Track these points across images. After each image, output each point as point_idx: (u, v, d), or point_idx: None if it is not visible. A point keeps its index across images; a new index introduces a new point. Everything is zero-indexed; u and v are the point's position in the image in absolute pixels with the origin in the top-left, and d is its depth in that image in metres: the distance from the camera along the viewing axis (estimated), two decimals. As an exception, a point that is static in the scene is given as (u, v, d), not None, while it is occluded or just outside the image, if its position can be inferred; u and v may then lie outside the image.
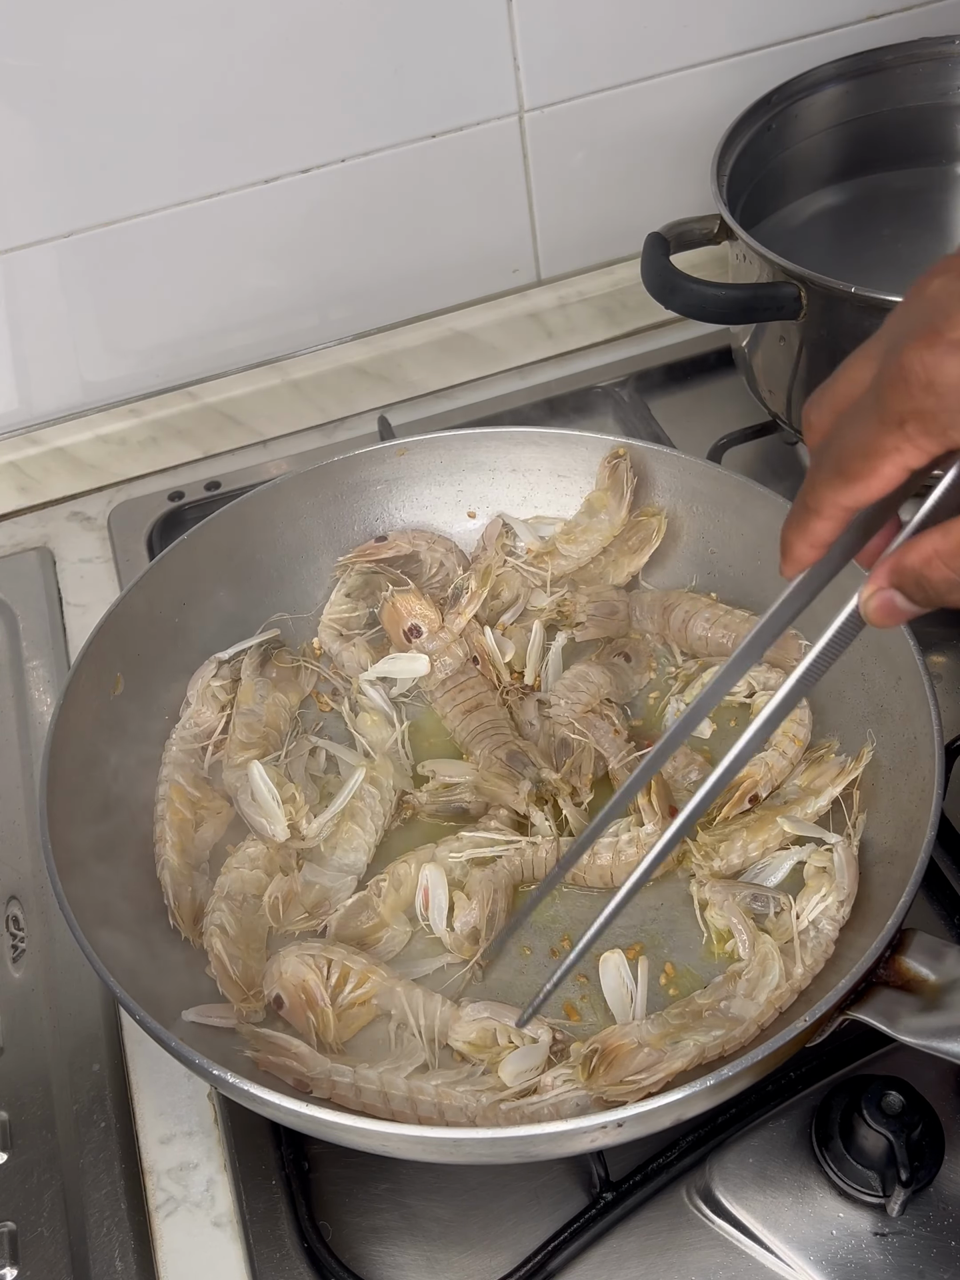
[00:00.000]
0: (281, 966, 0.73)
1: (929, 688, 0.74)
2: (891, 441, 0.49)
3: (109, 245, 1.09)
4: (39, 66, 1.00)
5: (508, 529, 0.96)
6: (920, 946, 0.65)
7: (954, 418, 0.47)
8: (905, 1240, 0.66)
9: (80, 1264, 0.71)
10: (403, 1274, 0.69)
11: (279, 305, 1.18)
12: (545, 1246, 0.68)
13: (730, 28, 1.16)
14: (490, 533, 0.96)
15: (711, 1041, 0.67)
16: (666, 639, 0.91)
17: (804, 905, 0.73)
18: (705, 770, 0.82)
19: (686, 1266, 0.67)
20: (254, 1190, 0.72)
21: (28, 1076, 0.78)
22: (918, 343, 0.47)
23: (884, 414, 0.49)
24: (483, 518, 0.97)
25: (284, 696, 0.90)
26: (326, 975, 0.73)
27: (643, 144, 1.20)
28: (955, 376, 0.46)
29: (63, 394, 1.16)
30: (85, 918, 0.70)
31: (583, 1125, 0.60)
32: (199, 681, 0.89)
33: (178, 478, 1.15)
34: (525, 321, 1.23)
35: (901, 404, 0.48)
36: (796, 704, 0.61)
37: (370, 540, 0.95)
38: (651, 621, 0.92)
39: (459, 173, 1.16)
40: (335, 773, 0.87)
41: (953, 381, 0.46)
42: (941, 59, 1.10)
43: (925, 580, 0.51)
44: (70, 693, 0.79)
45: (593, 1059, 0.68)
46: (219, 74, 1.04)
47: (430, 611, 0.92)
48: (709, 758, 0.84)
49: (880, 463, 0.50)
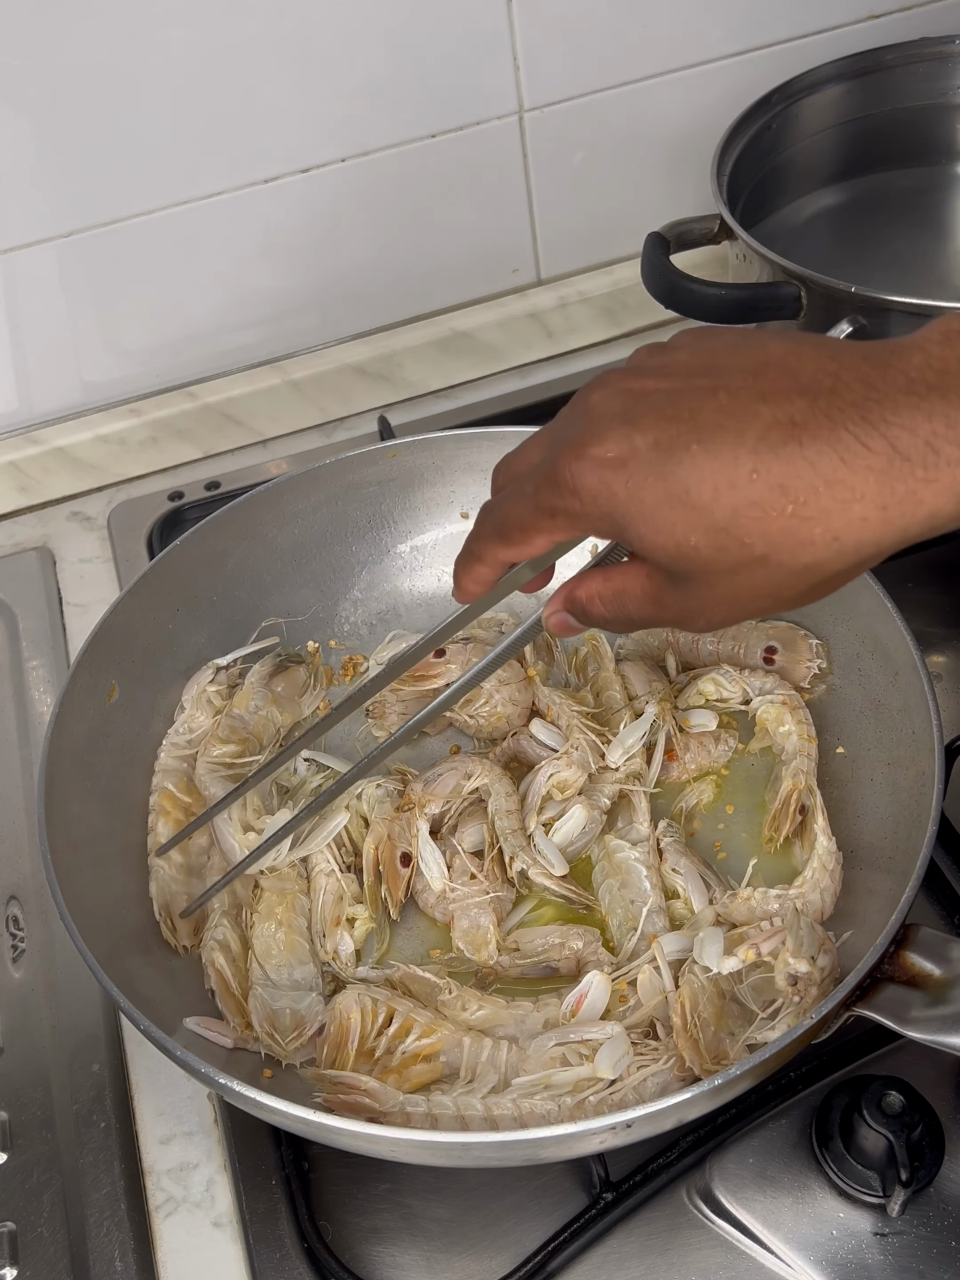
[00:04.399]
0: (337, 1000, 0.72)
1: (927, 683, 0.74)
2: (543, 524, 0.59)
3: (109, 245, 1.09)
4: (39, 66, 1.00)
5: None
6: (925, 941, 0.65)
7: (590, 519, 0.56)
8: (905, 1240, 0.66)
9: (80, 1264, 0.70)
10: (403, 1274, 0.69)
11: (279, 305, 1.18)
12: (545, 1247, 0.68)
13: (730, 28, 1.16)
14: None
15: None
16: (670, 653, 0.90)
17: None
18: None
19: (686, 1266, 0.67)
20: (254, 1190, 0.71)
21: (28, 1076, 0.78)
22: (568, 452, 0.56)
23: (539, 503, 0.58)
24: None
25: (278, 714, 0.88)
26: (380, 1023, 0.71)
27: (643, 144, 1.20)
28: (592, 489, 0.55)
29: (63, 394, 1.16)
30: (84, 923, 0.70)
31: (592, 1127, 0.60)
32: (194, 687, 0.88)
33: (178, 478, 1.15)
34: (525, 321, 1.23)
35: (552, 500, 0.57)
36: (484, 678, 0.78)
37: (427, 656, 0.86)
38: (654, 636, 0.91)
39: (459, 172, 1.16)
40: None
41: (590, 493, 0.55)
42: (941, 59, 1.10)
43: (587, 612, 0.63)
44: (68, 695, 0.79)
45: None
46: (219, 74, 1.04)
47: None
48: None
49: (534, 535, 0.60)
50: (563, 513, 0.57)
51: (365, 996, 0.71)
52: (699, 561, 0.54)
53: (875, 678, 0.81)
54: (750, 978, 0.70)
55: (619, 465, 0.54)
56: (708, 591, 0.56)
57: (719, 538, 0.53)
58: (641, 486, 0.53)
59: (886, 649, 0.79)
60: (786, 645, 0.86)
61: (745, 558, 0.53)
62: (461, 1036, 0.71)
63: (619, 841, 0.79)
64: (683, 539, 0.53)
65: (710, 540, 0.53)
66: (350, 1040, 0.70)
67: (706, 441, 0.52)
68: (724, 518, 0.52)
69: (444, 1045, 0.70)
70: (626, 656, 0.90)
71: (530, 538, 0.60)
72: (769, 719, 0.84)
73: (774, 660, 0.86)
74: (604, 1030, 0.69)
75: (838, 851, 0.76)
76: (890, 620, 0.78)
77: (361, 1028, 0.70)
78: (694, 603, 0.57)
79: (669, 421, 0.53)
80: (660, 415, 0.54)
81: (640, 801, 0.81)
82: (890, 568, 0.90)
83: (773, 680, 0.85)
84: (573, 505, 0.56)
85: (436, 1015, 0.72)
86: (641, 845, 0.79)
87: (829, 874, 0.75)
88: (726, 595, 0.56)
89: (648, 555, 0.56)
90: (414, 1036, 0.71)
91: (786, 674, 0.86)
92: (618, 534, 0.56)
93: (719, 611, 0.57)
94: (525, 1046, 0.70)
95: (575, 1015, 0.71)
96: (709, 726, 0.85)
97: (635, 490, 0.54)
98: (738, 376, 0.54)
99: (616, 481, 0.54)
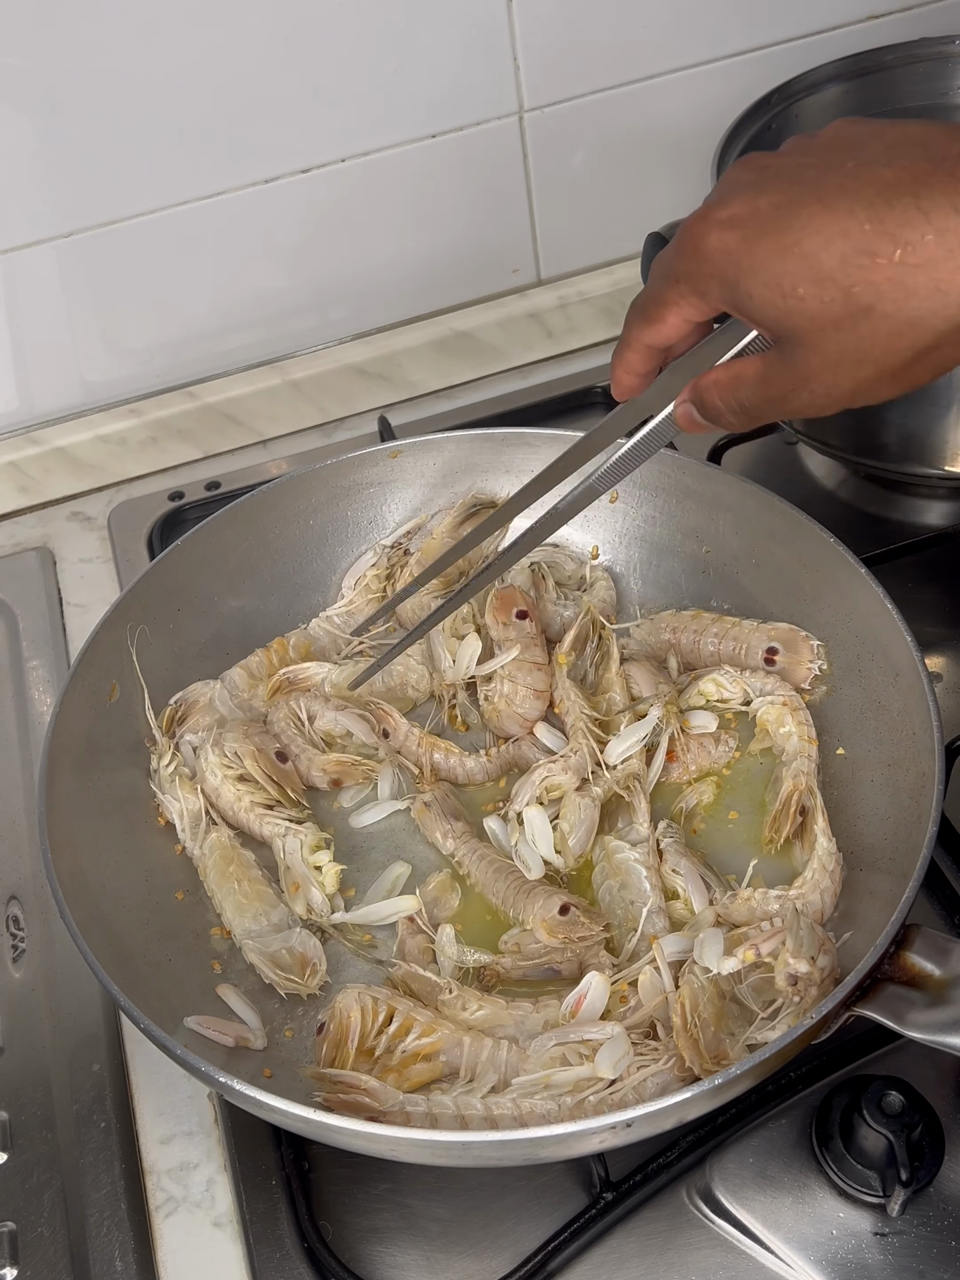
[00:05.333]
0: (338, 999, 0.72)
1: (927, 684, 0.74)
2: (673, 294, 0.61)
3: (109, 245, 1.09)
4: (39, 66, 1.00)
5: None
6: (925, 942, 0.65)
7: (707, 282, 0.58)
8: (905, 1240, 0.66)
9: (80, 1264, 0.70)
10: (403, 1274, 0.69)
11: (279, 305, 1.18)
12: (545, 1246, 0.68)
13: (730, 28, 1.16)
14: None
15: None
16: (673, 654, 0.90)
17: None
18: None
19: (686, 1266, 0.67)
20: (254, 1190, 0.72)
21: (28, 1076, 0.78)
22: (694, 217, 0.58)
23: (668, 271, 0.60)
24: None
25: (462, 561, 0.91)
26: (381, 1022, 0.71)
27: (643, 144, 1.20)
28: (711, 248, 0.57)
29: (63, 394, 1.16)
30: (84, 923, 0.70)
31: (592, 1126, 0.60)
32: (357, 570, 0.93)
33: (178, 478, 1.15)
34: (525, 321, 1.23)
35: (678, 265, 0.59)
36: (606, 487, 0.74)
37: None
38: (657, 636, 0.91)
39: (459, 173, 1.16)
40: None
41: (709, 251, 0.57)
42: (941, 59, 1.10)
43: (705, 402, 0.63)
44: (68, 695, 0.79)
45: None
46: (219, 74, 1.04)
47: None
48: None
49: (666, 310, 0.62)
50: (684, 276, 0.59)
51: (365, 995, 0.71)
52: (805, 315, 0.55)
53: (875, 679, 0.81)
54: (750, 978, 0.70)
55: (739, 223, 0.56)
56: (814, 356, 0.56)
57: (826, 288, 0.54)
58: (756, 241, 0.55)
59: (887, 650, 0.79)
60: (787, 646, 0.86)
61: (851, 309, 0.54)
62: (461, 1036, 0.71)
63: (619, 842, 0.79)
64: (789, 289, 0.55)
65: (817, 291, 0.54)
66: (350, 1039, 0.70)
67: (826, 199, 0.54)
68: (832, 265, 0.53)
69: (444, 1044, 0.70)
70: (631, 657, 0.90)
71: (663, 312, 0.62)
72: (770, 720, 0.84)
73: (775, 661, 0.86)
74: (604, 1030, 0.69)
75: (838, 852, 0.76)
76: (890, 621, 0.78)
77: (362, 1026, 0.70)
78: (800, 370, 0.57)
79: (793, 184, 0.56)
80: (787, 180, 0.56)
81: (640, 802, 0.81)
82: (890, 568, 0.91)
83: (773, 681, 0.85)
84: (692, 266, 0.58)
85: (436, 1014, 0.72)
86: (641, 846, 0.79)
87: (829, 875, 0.75)
88: (832, 357, 0.56)
89: (755, 315, 0.57)
90: (414, 1035, 0.71)
91: (787, 675, 0.86)
92: (730, 295, 0.57)
93: (824, 380, 0.57)
94: (525, 1046, 0.70)
95: (575, 1016, 0.71)
96: (709, 727, 0.85)
97: (750, 244, 0.56)
98: (871, 148, 0.55)
99: (733, 238, 0.56)
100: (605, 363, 1.17)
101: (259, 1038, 0.73)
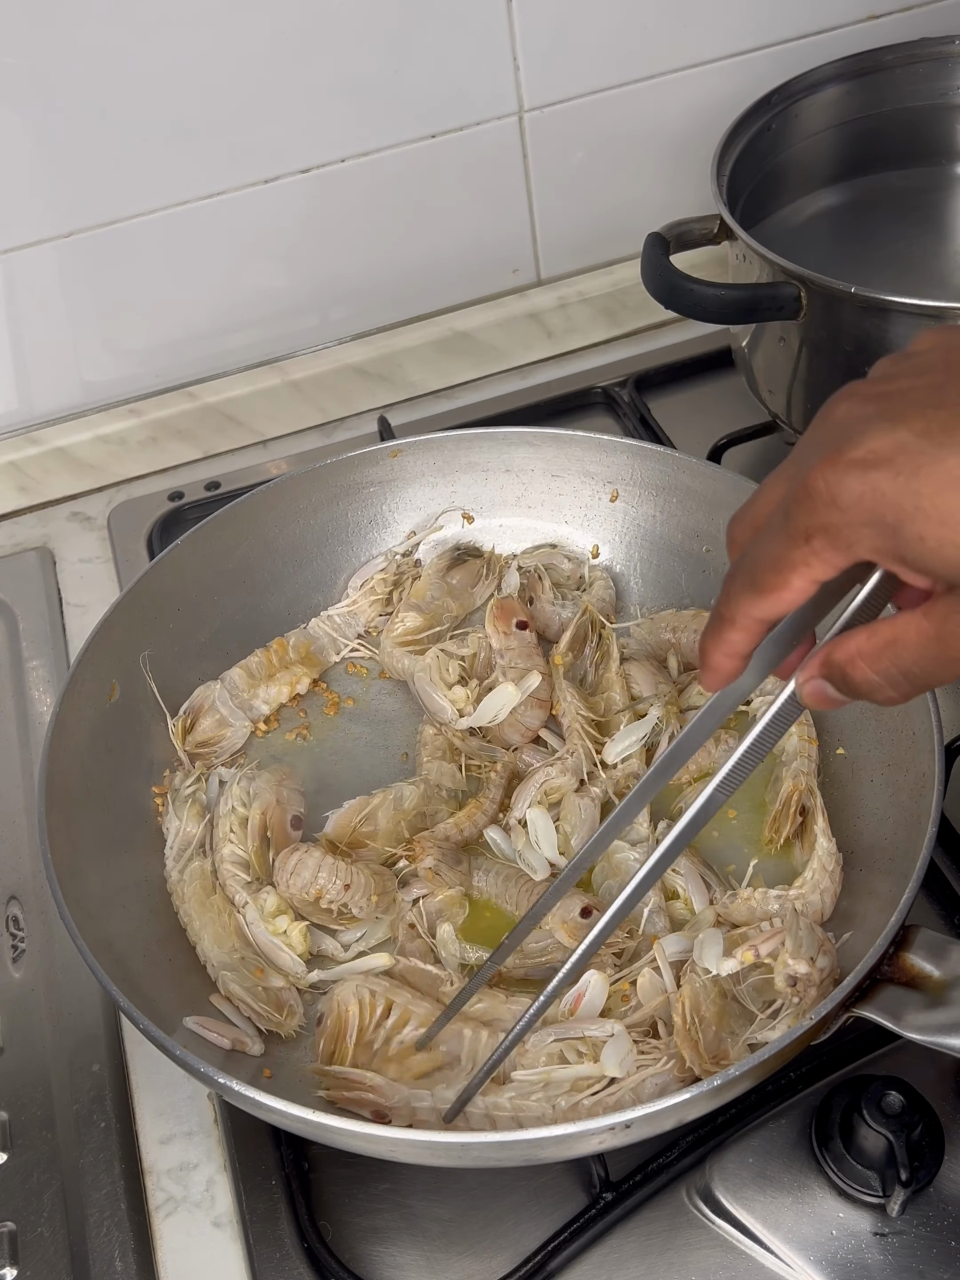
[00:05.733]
0: (336, 991, 0.72)
1: (928, 686, 0.74)
2: (800, 555, 0.51)
3: (109, 245, 1.09)
4: (39, 66, 1.00)
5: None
6: (924, 943, 0.65)
7: (856, 532, 0.49)
8: (905, 1240, 0.66)
9: (80, 1264, 0.70)
10: (403, 1274, 0.69)
11: (279, 305, 1.18)
12: (545, 1247, 0.68)
13: (730, 28, 1.16)
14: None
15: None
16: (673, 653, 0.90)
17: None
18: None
19: (686, 1266, 0.67)
20: (254, 1190, 0.71)
21: (28, 1076, 0.78)
22: (822, 463, 0.49)
23: (792, 530, 0.50)
24: (479, 519, 0.97)
25: (453, 604, 0.92)
26: (379, 1015, 0.71)
27: (643, 144, 1.20)
28: (855, 493, 0.48)
29: (63, 394, 1.16)
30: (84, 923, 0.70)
31: (591, 1127, 0.60)
32: (365, 572, 0.93)
33: (178, 478, 1.15)
34: (525, 321, 1.23)
35: (808, 520, 0.50)
36: (730, 791, 0.61)
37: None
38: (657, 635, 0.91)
39: (459, 173, 1.16)
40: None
41: (853, 498, 0.48)
42: (941, 59, 1.10)
43: (848, 678, 0.54)
44: (68, 695, 0.79)
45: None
46: (219, 73, 1.04)
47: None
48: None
49: (790, 575, 0.51)
50: (820, 531, 0.50)
51: (364, 988, 0.71)
52: None
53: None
54: (750, 978, 0.70)
55: (883, 462, 0.48)
56: None
57: None
58: (915, 476, 0.47)
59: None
60: (787, 646, 0.86)
61: None
62: (461, 1027, 0.71)
63: (618, 842, 0.79)
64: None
65: None
66: (349, 1032, 0.70)
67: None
68: None
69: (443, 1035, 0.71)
70: (631, 656, 0.90)
71: (787, 578, 0.52)
72: (769, 719, 0.84)
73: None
74: (603, 1027, 0.69)
75: (837, 852, 0.76)
76: (890, 621, 0.78)
77: (360, 1019, 0.70)
78: None
79: (937, 409, 0.48)
80: (925, 405, 0.48)
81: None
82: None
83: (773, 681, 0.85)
84: (832, 518, 0.49)
85: (436, 1006, 0.72)
86: (641, 846, 0.79)
87: (829, 875, 0.75)
88: None
89: (927, 561, 0.48)
90: (412, 1027, 0.71)
91: (787, 675, 0.86)
92: (891, 542, 0.48)
93: None
94: (524, 1040, 0.70)
95: (573, 1014, 0.71)
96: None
97: (908, 482, 0.47)
98: None
99: (883, 479, 0.48)
100: (605, 363, 1.18)
101: (256, 1043, 0.73)
